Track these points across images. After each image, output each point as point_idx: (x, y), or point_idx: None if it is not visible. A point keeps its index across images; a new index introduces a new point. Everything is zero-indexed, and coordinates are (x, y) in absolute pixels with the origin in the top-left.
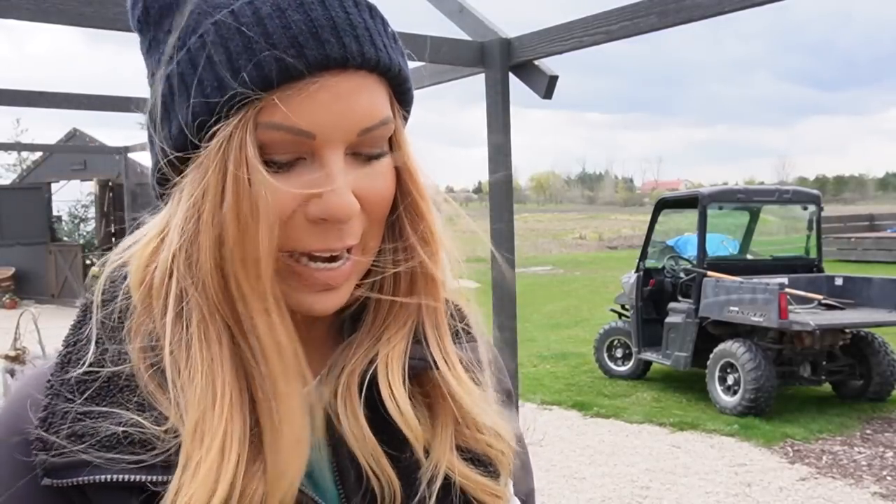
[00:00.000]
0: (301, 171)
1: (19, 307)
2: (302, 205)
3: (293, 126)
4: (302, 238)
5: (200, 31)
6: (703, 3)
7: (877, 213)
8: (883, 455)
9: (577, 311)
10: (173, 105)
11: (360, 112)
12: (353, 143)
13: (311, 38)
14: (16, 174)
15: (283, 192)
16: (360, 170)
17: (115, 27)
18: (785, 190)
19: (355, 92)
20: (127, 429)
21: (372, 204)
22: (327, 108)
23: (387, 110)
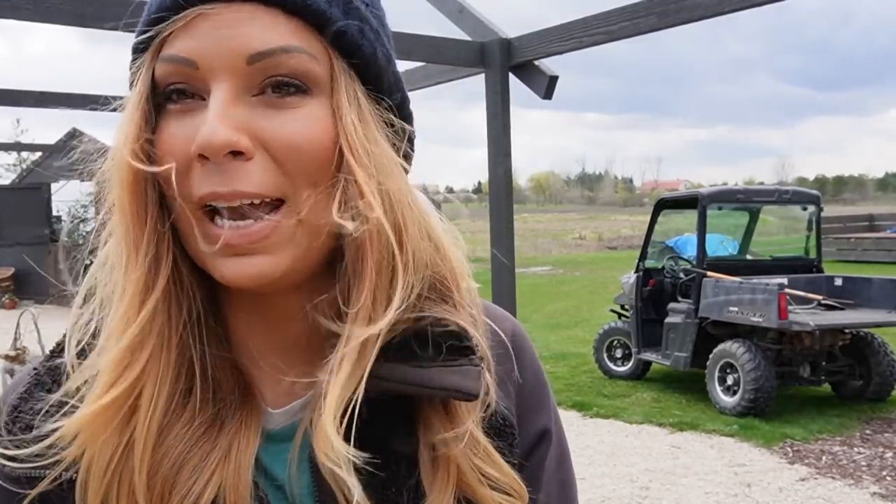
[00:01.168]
0: (197, 113)
1: (19, 307)
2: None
3: (173, 55)
4: (196, 183)
5: None
6: (703, 4)
7: (876, 213)
8: (882, 455)
9: (576, 311)
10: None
11: (244, 37)
12: (248, 77)
13: None
14: (16, 174)
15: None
16: (265, 111)
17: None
18: (784, 190)
19: (242, 21)
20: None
21: (280, 150)
22: (207, 35)
23: (288, 41)
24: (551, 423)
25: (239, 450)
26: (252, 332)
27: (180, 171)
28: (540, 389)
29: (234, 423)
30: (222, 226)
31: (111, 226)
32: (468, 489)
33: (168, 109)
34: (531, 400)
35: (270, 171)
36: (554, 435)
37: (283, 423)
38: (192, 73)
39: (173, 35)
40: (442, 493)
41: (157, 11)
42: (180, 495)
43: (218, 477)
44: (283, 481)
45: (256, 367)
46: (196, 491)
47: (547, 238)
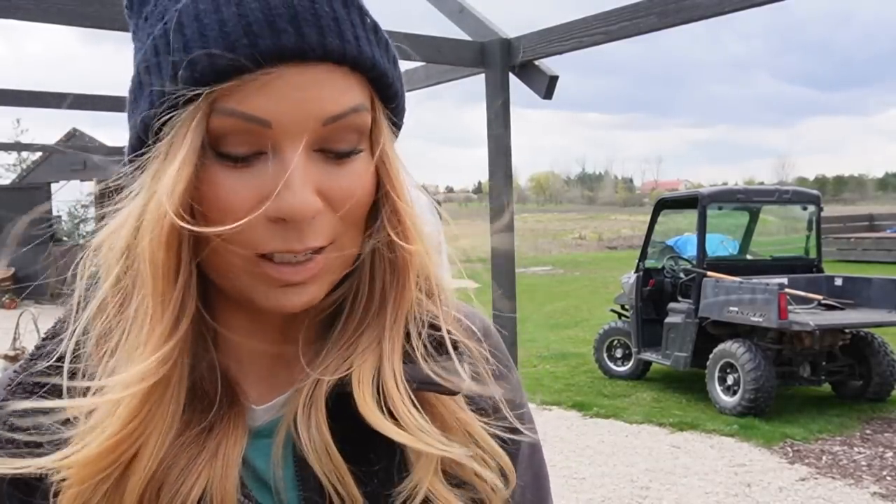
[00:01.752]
0: (260, 167)
1: (19, 307)
2: (260, 204)
3: (245, 112)
4: (263, 238)
5: (165, 19)
6: (703, 3)
7: (876, 213)
8: (882, 455)
9: (576, 311)
10: (140, 94)
11: (320, 101)
12: (320, 136)
13: (267, 27)
14: (16, 174)
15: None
16: (328, 167)
17: (115, 27)
18: (784, 190)
19: (317, 83)
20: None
21: (341, 204)
22: (284, 97)
23: (357, 100)
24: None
25: (227, 449)
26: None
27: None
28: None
29: (221, 425)
30: (278, 262)
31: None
32: (453, 462)
33: (223, 164)
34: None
35: (332, 222)
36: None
37: (267, 419)
38: (262, 132)
39: (239, 89)
40: (426, 466)
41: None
42: (168, 496)
43: (205, 476)
44: (267, 476)
45: (241, 366)
46: (183, 492)
47: (547, 238)
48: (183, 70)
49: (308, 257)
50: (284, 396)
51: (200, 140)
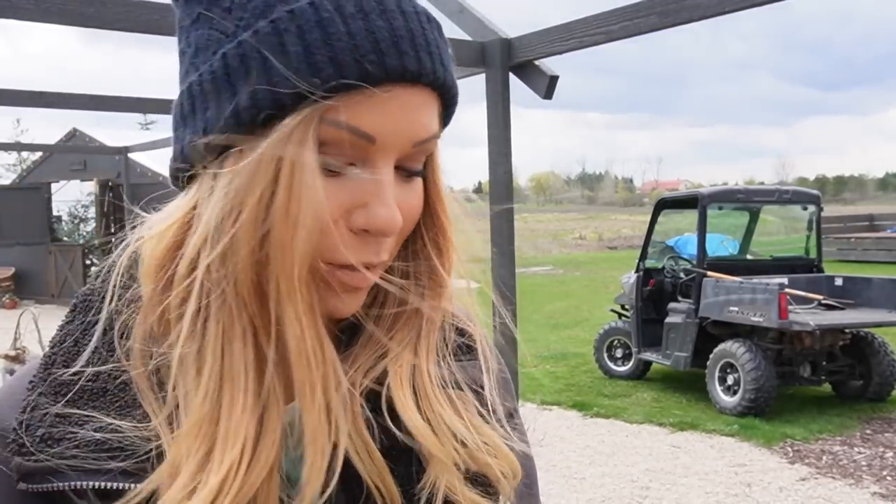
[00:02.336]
0: (353, 179)
1: (19, 307)
2: (347, 214)
3: (356, 127)
4: (344, 251)
5: (273, 17)
6: (704, 3)
7: (877, 213)
8: (883, 455)
9: (576, 311)
10: (227, 86)
11: (419, 125)
12: (405, 155)
13: (393, 47)
14: (16, 174)
15: (333, 196)
16: (401, 184)
17: (115, 27)
18: (785, 190)
19: (420, 106)
20: (105, 435)
21: (407, 219)
22: (393, 117)
23: (437, 127)
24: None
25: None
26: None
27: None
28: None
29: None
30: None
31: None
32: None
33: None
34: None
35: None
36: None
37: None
38: (363, 147)
39: (354, 102)
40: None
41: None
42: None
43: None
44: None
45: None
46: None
47: (547, 238)
48: (307, 76)
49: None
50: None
51: (315, 147)
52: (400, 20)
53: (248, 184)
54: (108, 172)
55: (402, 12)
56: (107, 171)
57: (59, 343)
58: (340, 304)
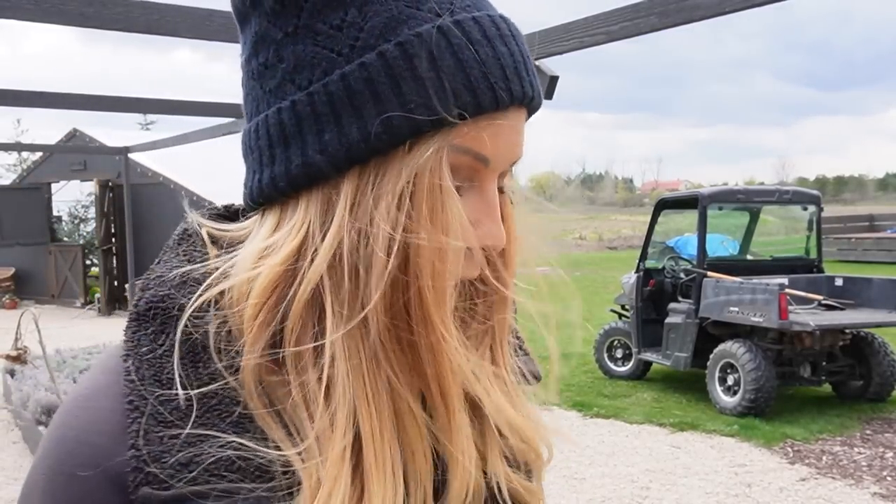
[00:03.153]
0: (466, 198)
1: (19, 307)
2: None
3: (479, 153)
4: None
5: (398, 40)
6: (704, 4)
7: (877, 213)
8: (883, 455)
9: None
10: (350, 109)
11: (520, 146)
12: (502, 174)
13: (515, 72)
14: (16, 174)
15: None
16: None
17: (115, 27)
18: (785, 190)
19: (520, 131)
20: (233, 453)
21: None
22: (506, 141)
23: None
24: None
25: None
26: None
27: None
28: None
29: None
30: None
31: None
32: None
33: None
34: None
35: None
36: None
37: None
38: (479, 168)
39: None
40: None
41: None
42: None
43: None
44: None
45: None
46: None
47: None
48: (444, 100)
49: None
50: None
51: (450, 176)
52: (514, 45)
53: (382, 207)
54: (109, 172)
55: (513, 37)
56: (107, 171)
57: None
58: None
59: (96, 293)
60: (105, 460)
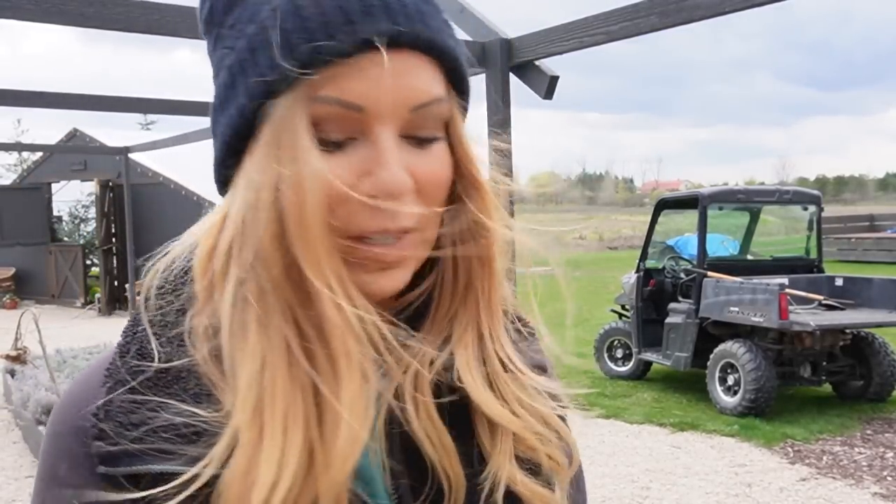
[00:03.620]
0: (354, 151)
1: (20, 307)
2: (355, 185)
3: (342, 98)
4: (357, 220)
5: (259, 19)
6: (704, 4)
7: (877, 213)
8: (883, 455)
9: (577, 311)
10: (233, 91)
11: (410, 89)
12: (407, 122)
13: (364, 15)
14: (16, 174)
15: (336, 169)
16: (413, 151)
17: (115, 27)
18: (785, 190)
19: (406, 70)
20: (185, 419)
21: (427, 186)
22: (377, 83)
23: (440, 91)
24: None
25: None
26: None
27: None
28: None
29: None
30: (370, 244)
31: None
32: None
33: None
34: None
35: (419, 204)
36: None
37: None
38: (355, 117)
39: (337, 77)
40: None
41: (321, 51)
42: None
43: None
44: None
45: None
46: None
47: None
48: (286, 58)
49: (399, 238)
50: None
51: (308, 125)
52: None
53: (259, 171)
54: (109, 172)
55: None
56: (107, 171)
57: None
58: (377, 282)
59: (96, 293)
60: (78, 418)
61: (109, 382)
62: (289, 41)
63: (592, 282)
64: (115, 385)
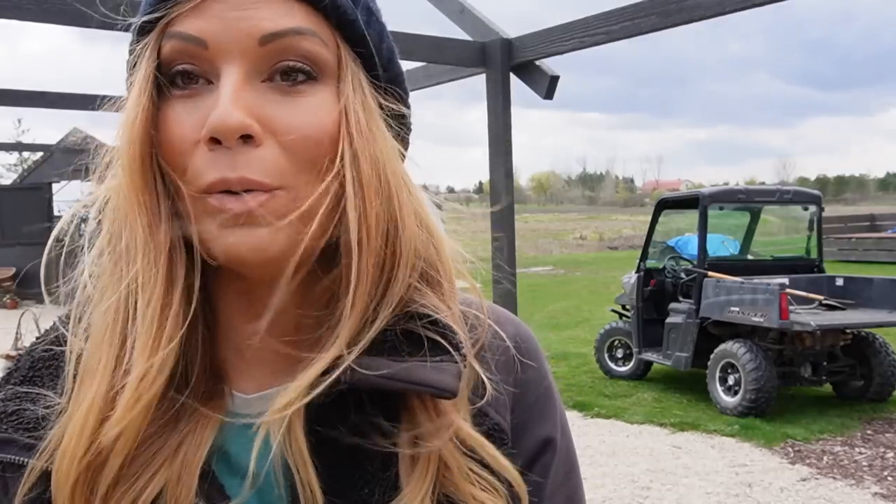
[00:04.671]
0: (206, 96)
1: (20, 307)
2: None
3: (183, 32)
4: (200, 170)
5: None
6: (704, 3)
7: (878, 213)
8: (884, 455)
9: (577, 311)
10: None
11: (256, 20)
12: (259, 60)
13: None
14: (17, 174)
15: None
16: (274, 96)
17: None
18: (786, 190)
19: (254, 3)
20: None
21: (289, 139)
22: (220, 17)
23: (299, 23)
24: (557, 432)
25: (195, 436)
26: (239, 321)
27: (186, 156)
28: (545, 398)
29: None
30: (219, 198)
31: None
32: (450, 485)
33: (173, 94)
34: (534, 408)
35: (277, 159)
36: (560, 446)
37: (257, 410)
38: (201, 54)
39: (183, 15)
40: (418, 487)
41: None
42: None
43: (166, 467)
44: (240, 467)
45: (241, 355)
46: (139, 484)
47: (548, 238)
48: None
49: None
50: (277, 389)
51: (152, 66)
52: None
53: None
54: None
55: None
56: None
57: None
58: (232, 238)
59: None
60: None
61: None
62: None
63: (593, 282)
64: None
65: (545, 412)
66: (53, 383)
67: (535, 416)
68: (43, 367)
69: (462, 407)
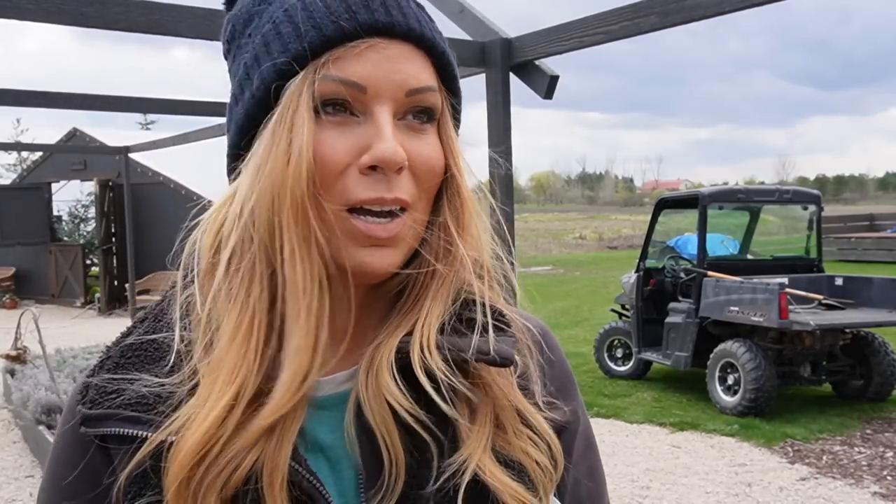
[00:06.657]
0: (354, 127)
1: (20, 307)
2: (355, 158)
3: (345, 78)
4: (355, 189)
5: (273, 19)
6: (704, 3)
7: (877, 212)
8: (883, 455)
9: (577, 311)
10: (248, 82)
11: (405, 74)
12: (402, 105)
13: (363, 7)
14: (16, 174)
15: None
16: (409, 134)
17: (116, 27)
18: (785, 190)
19: (402, 57)
20: (151, 389)
21: (420, 168)
22: (376, 66)
23: (432, 81)
24: (579, 408)
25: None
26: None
27: (337, 176)
28: (568, 379)
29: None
30: (367, 221)
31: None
32: (503, 441)
33: (324, 119)
34: (560, 385)
35: (412, 183)
36: (582, 419)
37: (331, 392)
38: (358, 96)
39: (341, 60)
40: (477, 441)
41: (326, 35)
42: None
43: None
44: (325, 446)
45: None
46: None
47: (547, 238)
48: (295, 44)
49: (394, 213)
50: (348, 372)
51: (312, 102)
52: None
53: (265, 146)
54: (109, 172)
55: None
56: (107, 171)
57: (140, 320)
58: (370, 257)
59: (96, 293)
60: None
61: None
62: (298, 29)
63: (592, 281)
64: (105, 360)
65: (568, 390)
66: (147, 367)
67: (561, 391)
68: (132, 356)
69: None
